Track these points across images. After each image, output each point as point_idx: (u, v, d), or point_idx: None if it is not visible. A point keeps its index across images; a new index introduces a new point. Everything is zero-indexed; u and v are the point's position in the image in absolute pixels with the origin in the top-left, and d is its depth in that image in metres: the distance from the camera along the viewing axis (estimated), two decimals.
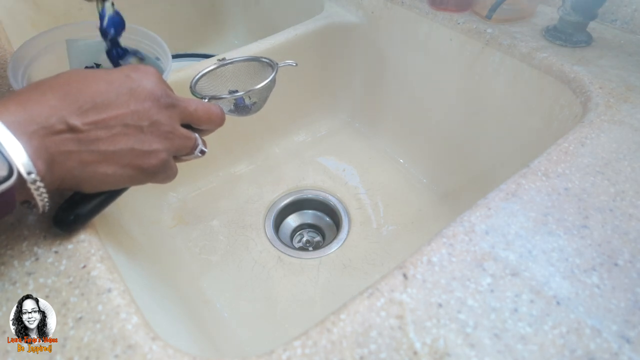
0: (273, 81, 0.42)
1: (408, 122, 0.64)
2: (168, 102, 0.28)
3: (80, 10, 0.74)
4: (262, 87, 0.40)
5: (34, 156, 0.22)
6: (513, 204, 0.29)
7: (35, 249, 0.26)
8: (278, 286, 0.50)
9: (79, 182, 0.26)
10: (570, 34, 0.46)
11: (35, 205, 0.24)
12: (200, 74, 0.42)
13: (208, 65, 0.43)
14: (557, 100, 0.44)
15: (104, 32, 0.35)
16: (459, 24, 0.52)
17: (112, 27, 0.35)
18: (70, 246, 0.27)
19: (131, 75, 0.27)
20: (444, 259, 0.26)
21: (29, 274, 0.25)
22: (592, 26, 0.49)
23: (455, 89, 0.55)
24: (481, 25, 0.50)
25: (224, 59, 0.44)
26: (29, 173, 0.22)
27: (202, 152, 0.32)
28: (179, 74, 0.50)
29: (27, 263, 0.26)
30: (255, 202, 0.59)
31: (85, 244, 0.27)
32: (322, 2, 0.65)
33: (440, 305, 0.23)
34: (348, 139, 0.69)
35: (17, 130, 0.22)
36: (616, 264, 0.26)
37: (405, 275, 0.25)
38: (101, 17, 0.35)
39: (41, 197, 0.24)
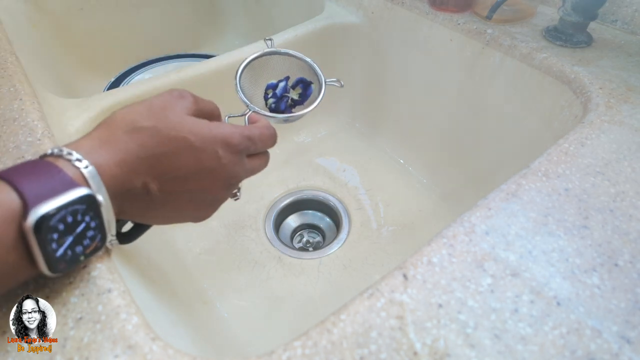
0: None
1: (408, 122, 0.64)
2: (240, 178, 0.30)
3: (81, 10, 0.74)
4: (311, 110, 0.39)
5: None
6: (513, 205, 0.29)
7: None
8: (278, 286, 0.50)
9: (133, 218, 0.28)
10: (570, 35, 0.46)
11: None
12: (247, 61, 0.39)
13: (254, 52, 0.40)
14: (558, 101, 0.44)
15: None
16: (459, 24, 0.52)
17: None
18: None
19: (221, 155, 0.27)
20: (444, 260, 0.26)
21: None
22: (593, 27, 0.49)
23: (456, 90, 0.55)
24: (481, 25, 0.50)
25: (270, 39, 0.41)
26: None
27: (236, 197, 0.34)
28: (179, 74, 0.50)
29: None
30: (255, 203, 0.59)
31: None
32: (322, 2, 0.65)
33: (440, 305, 0.23)
34: (348, 140, 0.69)
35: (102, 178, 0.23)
36: (616, 265, 0.26)
37: (405, 276, 0.25)
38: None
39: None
